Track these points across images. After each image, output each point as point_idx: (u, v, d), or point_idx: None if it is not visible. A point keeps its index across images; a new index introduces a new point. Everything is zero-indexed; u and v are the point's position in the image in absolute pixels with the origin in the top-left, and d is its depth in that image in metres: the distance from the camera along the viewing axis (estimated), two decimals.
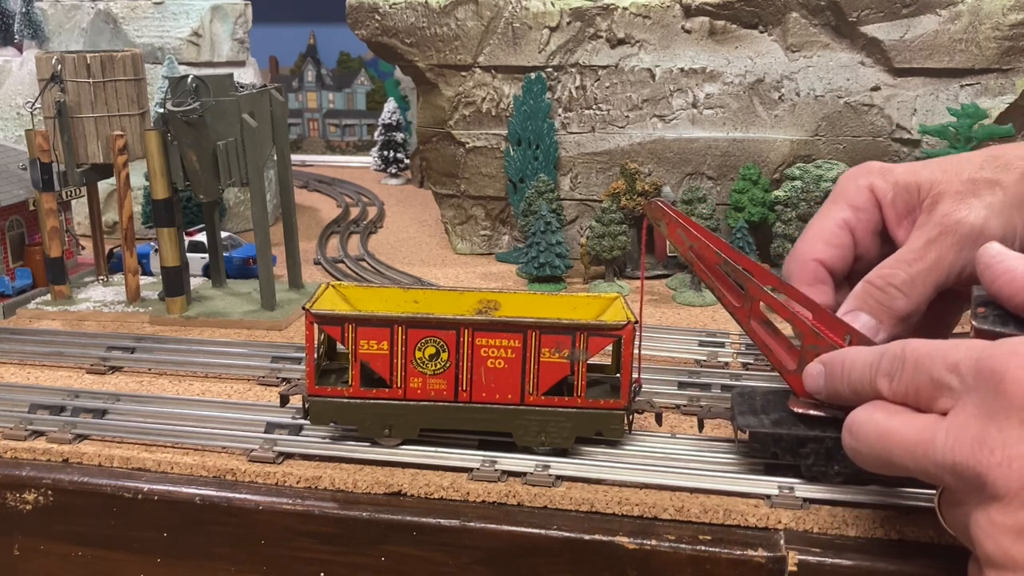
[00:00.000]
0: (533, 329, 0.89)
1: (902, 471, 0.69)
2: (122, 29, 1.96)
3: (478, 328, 0.90)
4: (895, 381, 0.70)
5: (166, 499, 0.91)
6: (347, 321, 0.91)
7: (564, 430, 0.91)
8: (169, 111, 1.32)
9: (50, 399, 1.06)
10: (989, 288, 0.74)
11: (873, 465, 0.72)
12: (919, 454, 0.66)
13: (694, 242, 0.89)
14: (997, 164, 0.89)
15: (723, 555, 0.80)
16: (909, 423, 0.68)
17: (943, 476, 0.65)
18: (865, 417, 0.72)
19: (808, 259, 0.93)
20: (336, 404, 0.93)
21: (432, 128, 1.73)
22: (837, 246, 0.93)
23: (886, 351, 0.72)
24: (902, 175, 0.92)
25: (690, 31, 1.56)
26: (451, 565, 0.86)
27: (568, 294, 1.01)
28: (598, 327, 0.90)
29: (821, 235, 0.94)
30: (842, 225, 0.93)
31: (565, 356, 0.90)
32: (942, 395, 0.66)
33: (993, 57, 1.46)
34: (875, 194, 0.93)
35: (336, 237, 1.89)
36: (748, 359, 1.18)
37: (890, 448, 0.68)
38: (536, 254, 1.51)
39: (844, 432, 0.74)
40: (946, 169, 0.91)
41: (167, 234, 1.38)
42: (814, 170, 1.42)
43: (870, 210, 0.93)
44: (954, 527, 0.69)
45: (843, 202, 0.94)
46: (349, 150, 2.90)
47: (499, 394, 0.91)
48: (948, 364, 0.66)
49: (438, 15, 1.62)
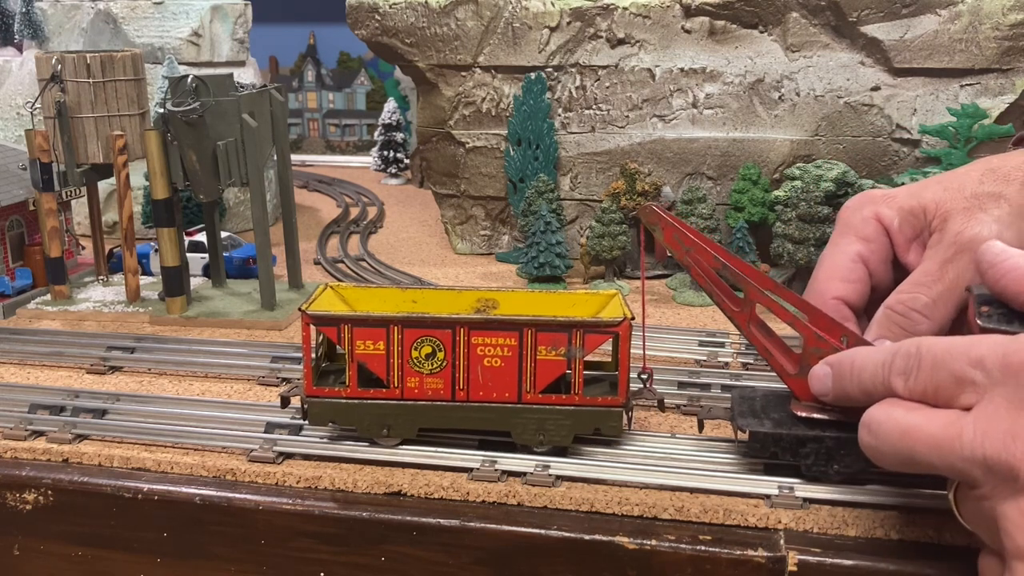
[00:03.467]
0: (529, 327, 0.89)
1: (924, 467, 0.68)
2: (122, 29, 1.96)
3: (474, 327, 0.90)
4: (911, 379, 0.70)
5: (166, 499, 0.91)
6: (343, 322, 0.91)
7: (562, 428, 0.91)
8: (169, 111, 1.32)
9: (50, 399, 1.06)
10: (994, 286, 0.74)
11: (893, 463, 0.71)
12: (945, 449, 0.66)
13: (691, 246, 0.88)
14: (996, 177, 0.89)
15: (723, 555, 0.80)
16: (931, 419, 0.68)
17: (971, 470, 0.65)
18: (884, 415, 0.71)
19: (828, 299, 0.91)
20: (334, 405, 0.93)
21: (432, 128, 1.73)
22: (854, 281, 0.92)
23: (899, 349, 0.72)
24: (905, 200, 0.92)
25: (690, 31, 1.56)
26: (451, 565, 0.86)
27: (566, 292, 1.01)
28: (594, 324, 0.90)
29: (836, 272, 0.92)
30: (855, 259, 0.92)
31: (561, 353, 0.90)
32: (965, 391, 0.66)
33: (993, 57, 1.46)
34: (882, 223, 0.92)
35: (336, 237, 1.89)
36: (748, 359, 1.18)
37: (913, 445, 0.68)
38: (536, 254, 1.52)
39: (862, 430, 0.73)
40: (947, 187, 0.91)
41: (167, 234, 1.38)
42: (814, 170, 1.42)
43: (880, 240, 0.92)
44: (973, 521, 0.69)
45: (851, 235, 0.93)
46: (349, 150, 2.90)
47: (496, 393, 0.91)
48: (972, 360, 0.66)
49: (438, 15, 1.62)
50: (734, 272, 0.87)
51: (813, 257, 1.34)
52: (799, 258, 1.38)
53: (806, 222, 1.38)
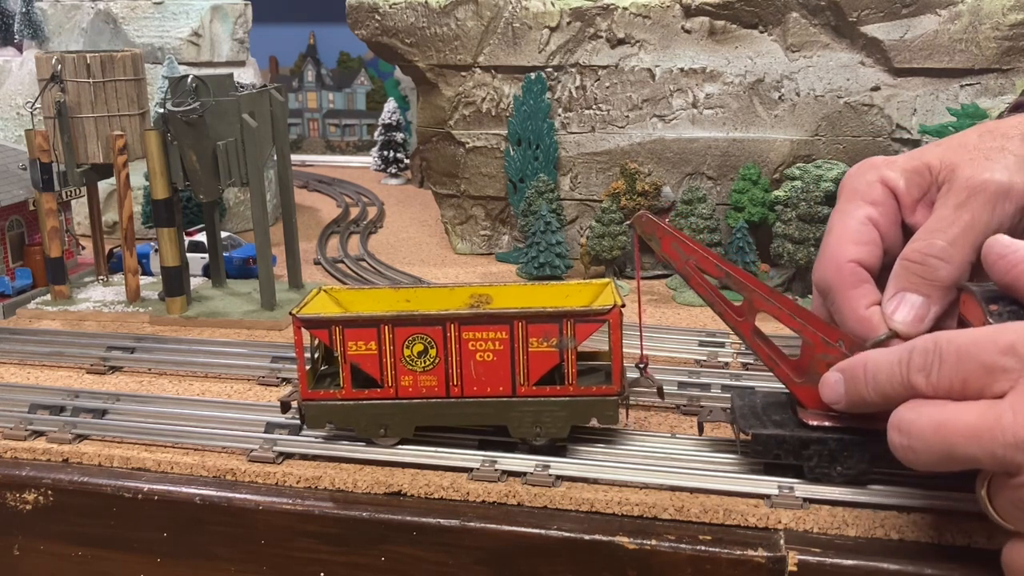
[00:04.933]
0: (519, 319, 0.89)
1: (963, 461, 0.67)
2: (122, 29, 1.96)
3: (464, 322, 0.90)
4: (934, 374, 0.69)
5: (166, 499, 0.91)
6: (333, 324, 0.91)
7: (559, 419, 0.91)
8: (169, 111, 1.32)
9: (50, 399, 1.06)
10: (1003, 279, 0.74)
11: (929, 462, 0.70)
12: (985, 438, 0.65)
13: (691, 255, 0.86)
14: (994, 135, 0.88)
15: (723, 555, 0.80)
16: (965, 410, 0.67)
17: (1015, 456, 0.64)
18: (914, 414, 0.70)
19: (844, 262, 0.89)
20: (331, 407, 0.93)
21: (432, 128, 1.73)
22: (867, 243, 0.89)
23: (915, 347, 0.71)
24: (907, 162, 0.91)
25: (690, 31, 1.56)
26: (451, 565, 0.86)
27: (559, 284, 1.00)
28: (584, 313, 0.89)
29: (848, 236, 0.90)
30: (865, 222, 0.90)
31: (553, 344, 0.89)
32: (997, 379, 0.66)
33: (993, 57, 1.46)
34: (888, 185, 0.91)
35: (336, 237, 1.89)
36: (748, 359, 1.18)
37: (950, 439, 0.67)
38: (536, 254, 1.51)
39: (892, 432, 0.72)
40: (947, 147, 0.90)
41: (167, 234, 1.38)
42: (814, 170, 1.42)
43: (888, 202, 0.91)
44: (1011, 513, 0.68)
45: (858, 199, 0.91)
46: (349, 150, 2.90)
47: (491, 387, 0.91)
48: (1001, 347, 0.66)
49: (438, 15, 1.62)
50: (738, 281, 0.86)
51: (813, 257, 1.34)
52: (799, 258, 1.38)
53: (806, 222, 1.38)
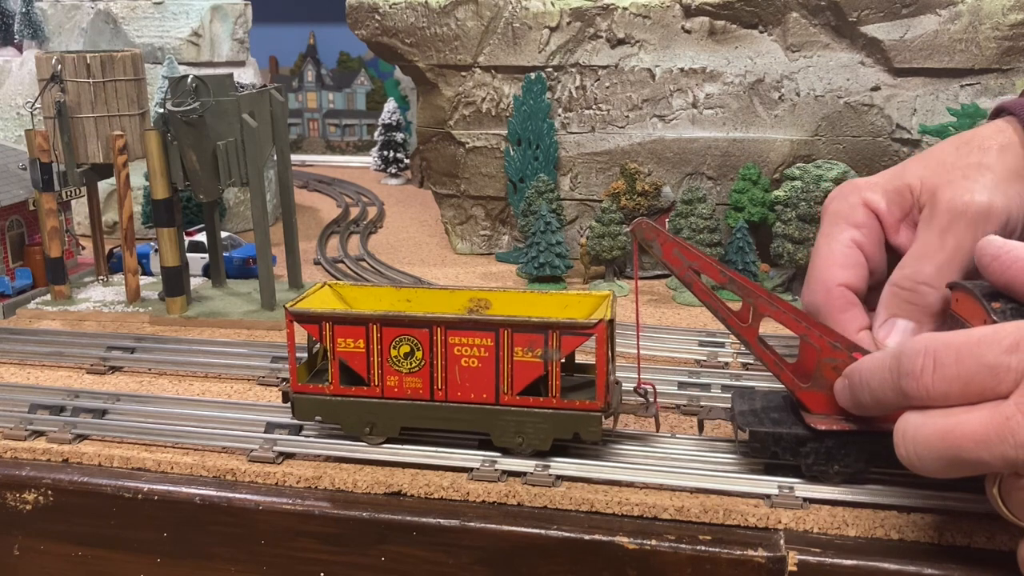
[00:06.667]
0: (505, 327, 0.88)
1: (971, 466, 0.67)
2: (122, 29, 1.96)
3: (450, 326, 0.89)
4: (927, 378, 0.69)
5: (166, 499, 0.91)
6: (324, 319, 0.91)
7: (541, 431, 0.90)
8: (169, 111, 1.32)
9: (50, 399, 1.06)
10: (999, 279, 0.74)
11: (936, 469, 0.69)
12: (994, 441, 0.65)
13: (694, 261, 0.86)
14: (971, 148, 0.89)
15: (723, 555, 0.80)
16: (970, 415, 0.67)
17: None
18: (918, 421, 0.70)
19: (832, 286, 0.90)
20: (319, 401, 0.94)
21: (432, 128, 1.73)
22: (853, 266, 0.91)
23: (901, 351, 0.71)
24: (889, 182, 0.92)
25: (690, 31, 1.56)
26: (451, 565, 0.86)
27: (560, 293, 1.00)
28: (570, 325, 0.88)
29: (834, 260, 0.91)
30: (851, 245, 0.91)
31: (538, 355, 0.88)
32: (1001, 379, 0.66)
33: (993, 57, 1.46)
34: (870, 207, 0.92)
35: (336, 237, 1.89)
36: (748, 359, 1.18)
37: (957, 443, 0.67)
38: (536, 254, 1.51)
39: (898, 440, 0.71)
40: (927, 165, 0.91)
41: (167, 234, 1.38)
42: (814, 170, 1.42)
43: (871, 224, 0.92)
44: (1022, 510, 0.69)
45: (842, 223, 0.92)
46: (349, 150, 2.90)
47: (474, 393, 0.90)
48: (1005, 347, 0.66)
49: (438, 15, 1.62)
50: (742, 287, 0.86)
51: None
52: (799, 258, 1.38)
53: (806, 222, 1.38)
